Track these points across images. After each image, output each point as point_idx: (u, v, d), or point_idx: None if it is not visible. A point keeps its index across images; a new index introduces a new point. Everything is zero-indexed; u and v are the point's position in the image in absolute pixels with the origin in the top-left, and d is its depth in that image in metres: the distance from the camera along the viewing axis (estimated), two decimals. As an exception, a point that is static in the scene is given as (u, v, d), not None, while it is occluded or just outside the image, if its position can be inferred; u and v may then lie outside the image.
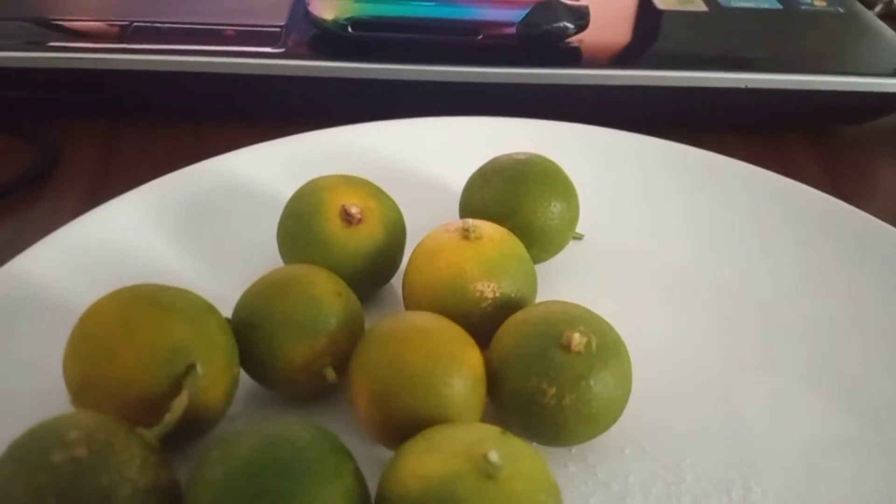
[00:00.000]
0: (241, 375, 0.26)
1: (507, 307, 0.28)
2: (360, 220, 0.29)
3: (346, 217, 0.29)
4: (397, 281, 0.31)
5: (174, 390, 0.23)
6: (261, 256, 0.31)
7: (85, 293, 0.27)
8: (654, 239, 0.35)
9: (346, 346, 0.26)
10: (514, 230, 0.30)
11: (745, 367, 0.30)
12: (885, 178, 0.44)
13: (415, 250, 0.29)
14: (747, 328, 0.32)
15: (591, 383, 0.25)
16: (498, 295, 0.28)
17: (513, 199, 0.31)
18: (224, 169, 0.36)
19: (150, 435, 0.22)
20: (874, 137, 0.46)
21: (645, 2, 0.49)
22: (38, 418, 0.22)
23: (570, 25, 0.43)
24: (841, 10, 0.49)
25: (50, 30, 0.43)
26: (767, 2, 0.49)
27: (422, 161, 0.38)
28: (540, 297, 0.29)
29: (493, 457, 0.21)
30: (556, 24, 0.43)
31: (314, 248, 0.29)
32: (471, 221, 0.29)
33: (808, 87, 0.42)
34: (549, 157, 0.33)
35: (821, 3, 0.49)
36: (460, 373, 0.24)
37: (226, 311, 0.27)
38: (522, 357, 0.25)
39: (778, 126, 0.46)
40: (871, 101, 0.43)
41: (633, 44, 0.45)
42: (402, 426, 0.24)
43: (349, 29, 0.42)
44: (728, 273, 0.34)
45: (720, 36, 0.46)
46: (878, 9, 0.55)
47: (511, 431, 0.23)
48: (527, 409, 0.25)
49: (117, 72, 0.41)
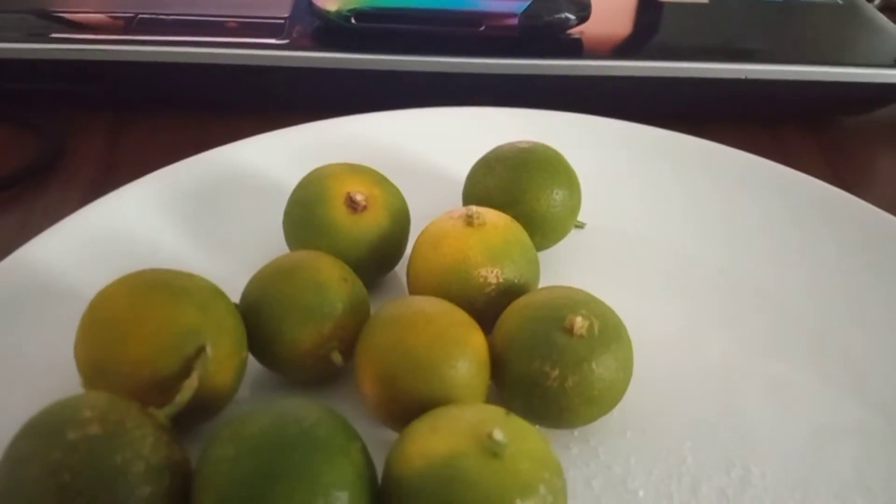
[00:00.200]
0: (249, 360, 0.27)
1: (511, 293, 0.28)
2: (364, 208, 0.30)
3: (352, 204, 0.30)
4: (402, 268, 0.31)
5: (184, 372, 0.23)
6: (266, 243, 0.32)
7: (93, 280, 0.27)
8: (656, 227, 0.36)
9: (352, 331, 0.27)
10: (517, 218, 0.30)
11: (747, 351, 0.30)
12: (885, 169, 0.44)
13: (419, 237, 0.30)
14: (749, 314, 0.32)
15: (594, 366, 0.25)
16: (501, 280, 0.28)
17: (516, 187, 0.31)
18: (230, 158, 0.37)
19: (161, 415, 0.22)
20: (873, 128, 0.47)
21: (646, -7, 0.49)
22: (49, 402, 0.22)
23: (572, 17, 0.43)
24: (840, 1, 0.49)
25: (56, 22, 0.43)
26: (767, -7, 0.49)
27: (425, 150, 0.38)
28: (542, 283, 0.30)
29: (498, 435, 0.21)
30: (558, 16, 0.43)
31: (320, 234, 0.29)
32: (475, 208, 0.29)
33: (808, 77, 0.43)
34: (552, 146, 0.33)
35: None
36: (465, 356, 0.25)
37: (232, 297, 0.27)
38: (526, 340, 0.25)
39: (778, 117, 0.46)
40: (870, 91, 0.44)
41: (635, 35, 0.46)
42: (407, 408, 0.24)
43: (352, 20, 0.42)
44: (729, 261, 0.34)
45: (720, 27, 0.46)
46: (877, 0, 0.55)
47: (515, 414, 0.23)
48: (530, 392, 0.25)
49: (122, 63, 0.42)
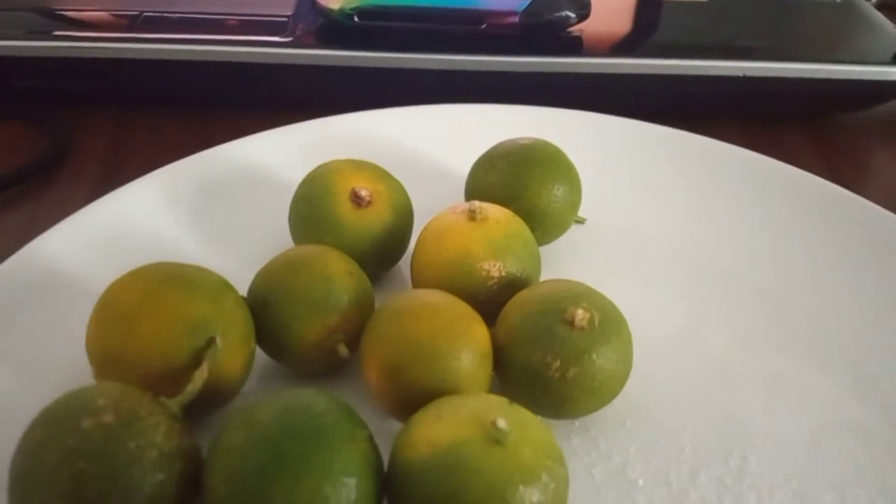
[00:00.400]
0: (256, 353, 0.27)
1: (513, 286, 0.29)
2: (369, 203, 0.30)
3: (356, 199, 0.30)
4: (405, 263, 0.32)
5: (195, 363, 0.24)
6: (272, 238, 0.32)
7: (100, 275, 0.28)
8: (656, 223, 0.36)
9: (358, 323, 0.27)
10: (518, 213, 0.31)
11: (746, 345, 0.31)
12: (882, 166, 0.44)
13: (423, 231, 0.30)
14: (748, 309, 0.32)
15: (594, 357, 0.25)
16: (503, 274, 0.29)
17: (517, 183, 0.32)
18: (235, 154, 0.37)
19: (172, 404, 0.23)
20: (870, 125, 0.47)
21: (645, -9, 0.49)
22: (60, 393, 0.22)
23: (572, 15, 0.44)
24: (838, -1, 0.50)
25: (63, 20, 0.44)
26: (766, -9, 0.50)
27: (428, 147, 0.39)
28: (543, 278, 0.30)
29: (501, 423, 0.22)
30: (559, 14, 0.43)
31: (325, 229, 0.30)
32: (477, 203, 0.29)
33: (806, 75, 0.43)
34: (553, 143, 0.33)
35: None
36: (468, 347, 0.25)
37: (238, 291, 0.27)
38: (528, 332, 0.26)
39: (776, 114, 0.47)
40: (867, 89, 0.44)
41: (634, 33, 0.46)
42: (412, 398, 0.25)
43: (355, 18, 0.43)
44: (729, 256, 0.35)
45: (719, 25, 0.47)
46: (874, -1, 0.55)
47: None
48: (532, 383, 0.26)
49: (128, 61, 0.42)
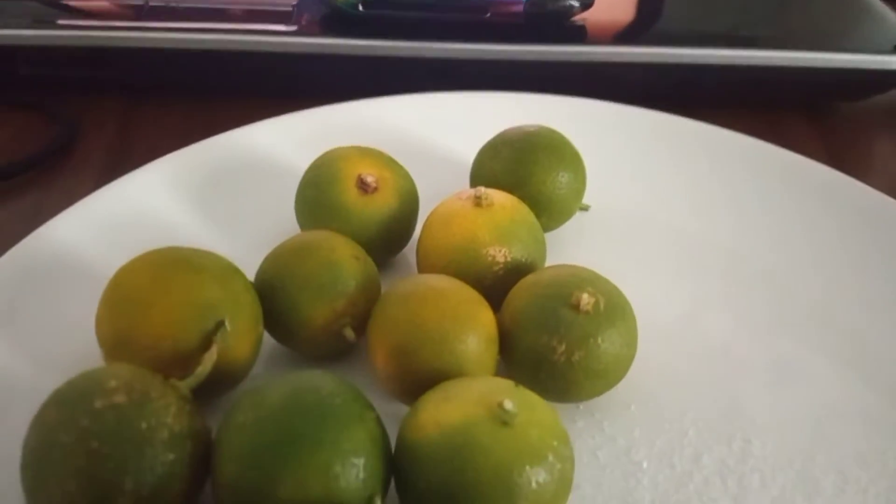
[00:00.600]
0: (264, 338, 0.28)
1: (518, 271, 0.29)
2: (375, 189, 0.30)
3: (363, 186, 0.30)
4: (410, 249, 0.32)
5: (204, 345, 0.24)
6: (278, 224, 0.33)
7: (108, 261, 0.28)
8: (661, 210, 0.36)
9: (364, 308, 0.28)
10: (523, 199, 0.31)
11: (748, 330, 0.31)
12: (882, 154, 0.45)
13: (429, 217, 0.31)
14: (751, 294, 0.33)
15: (599, 341, 0.26)
16: (509, 259, 0.29)
17: (522, 169, 0.32)
18: (241, 141, 0.37)
19: (183, 386, 0.23)
20: (871, 114, 0.47)
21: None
22: (69, 376, 0.23)
23: (576, 3, 0.44)
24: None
25: (70, 9, 0.44)
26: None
27: (433, 134, 0.39)
28: (548, 264, 0.30)
29: (508, 405, 0.22)
30: (562, 3, 0.43)
31: (332, 215, 0.30)
32: (483, 189, 0.30)
33: (808, 64, 0.43)
34: (557, 130, 0.34)
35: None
36: (475, 331, 0.26)
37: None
38: (534, 316, 0.26)
39: (777, 102, 0.47)
40: (869, 78, 0.44)
41: (637, 21, 0.46)
42: (418, 382, 0.25)
43: (360, 7, 0.43)
44: (732, 241, 0.35)
45: (722, 14, 0.47)
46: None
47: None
48: (537, 366, 0.26)
49: (134, 49, 0.42)
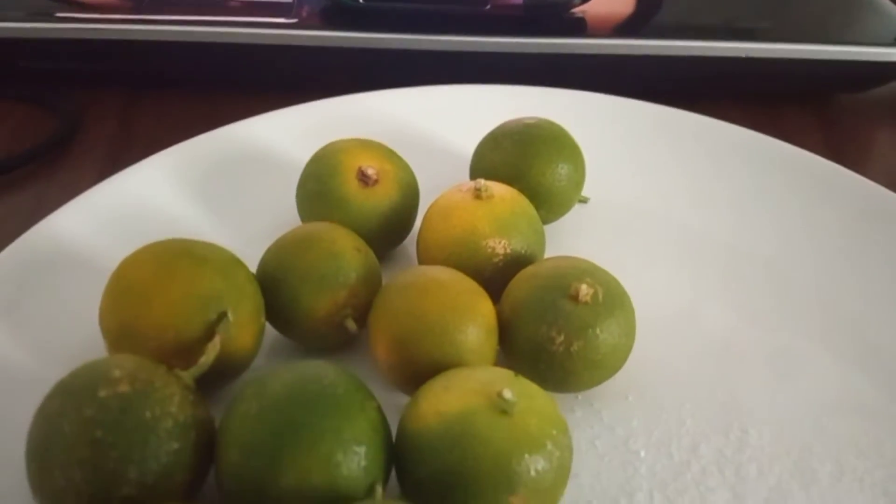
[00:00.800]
0: (266, 330, 0.28)
1: (518, 263, 0.29)
2: (376, 182, 0.31)
3: (363, 178, 0.30)
4: (410, 243, 0.32)
5: (207, 336, 0.24)
6: (279, 216, 0.33)
7: (110, 253, 0.28)
8: (660, 203, 0.37)
9: (365, 299, 0.28)
10: (522, 191, 0.31)
11: (746, 321, 0.31)
12: (882, 146, 0.45)
13: (429, 209, 0.31)
14: (750, 286, 0.33)
15: (598, 331, 0.26)
16: (509, 251, 0.29)
17: (522, 162, 0.32)
18: (243, 134, 0.37)
19: (186, 376, 0.23)
20: (871, 106, 0.47)
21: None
22: (73, 367, 0.23)
23: (576, -4, 0.44)
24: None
25: (71, 2, 0.44)
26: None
27: (433, 127, 0.39)
28: (548, 255, 0.31)
29: (508, 394, 0.22)
30: (562, -5, 0.44)
31: (333, 207, 0.30)
32: (483, 181, 0.30)
33: (808, 56, 0.43)
34: (556, 122, 0.34)
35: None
36: (475, 322, 0.26)
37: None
38: (533, 307, 0.26)
39: (777, 95, 0.47)
40: (869, 70, 0.44)
41: (637, 14, 0.46)
42: (419, 372, 0.25)
43: (360, 0, 0.43)
44: (731, 233, 0.35)
45: (721, 6, 0.47)
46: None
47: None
48: (536, 356, 0.26)
49: (135, 42, 0.42)
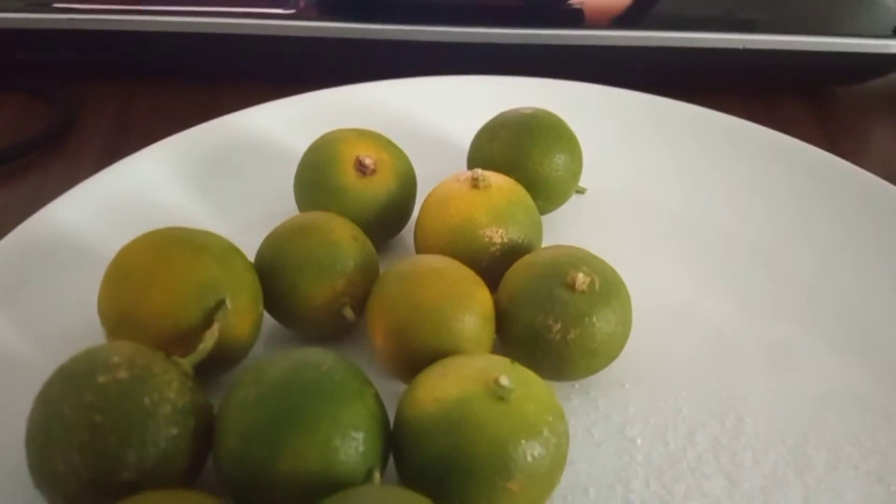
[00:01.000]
0: (264, 319, 0.28)
1: (515, 252, 0.29)
2: (373, 171, 0.31)
3: (361, 168, 0.31)
4: (408, 232, 0.32)
5: (205, 324, 0.24)
6: (277, 206, 0.33)
7: (108, 242, 0.28)
8: (657, 193, 0.37)
9: (363, 288, 0.28)
10: (520, 182, 0.31)
11: (743, 310, 0.31)
12: (879, 138, 0.45)
13: (427, 198, 0.31)
14: (746, 274, 0.33)
15: (594, 320, 0.26)
16: (506, 240, 0.29)
17: (519, 152, 0.32)
18: (240, 124, 0.38)
19: (185, 362, 0.23)
20: (868, 98, 0.47)
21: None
22: (72, 355, 0.23)
23: (574, -13, 0.44)
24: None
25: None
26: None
27: (431, 117, 0.39)
28: (545, 245, 0.31)
29: (504, 381, 0.22)
30: (560, -14, 0.44)
31: (330, 197, 0.30)
32: (480, 171, 0.30)
33: (806, 48, 0.44)
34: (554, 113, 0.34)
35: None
36: (472, 310, 0.26)
37: (245, 257, 0.28)
38: (530, 295, 0.27)
39: (775, 86, 0.47)
40: (867, 62, 0.44)
41: (635, 5, 0.46)
42: (416, 359, 0.25)
43: (358, -10, 0.43)
44: (728, 223, 0.35)
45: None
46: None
47: (519, 364, 0.24)
48: (533, 344, 0.26)
49: (132, 33, 0.43)
